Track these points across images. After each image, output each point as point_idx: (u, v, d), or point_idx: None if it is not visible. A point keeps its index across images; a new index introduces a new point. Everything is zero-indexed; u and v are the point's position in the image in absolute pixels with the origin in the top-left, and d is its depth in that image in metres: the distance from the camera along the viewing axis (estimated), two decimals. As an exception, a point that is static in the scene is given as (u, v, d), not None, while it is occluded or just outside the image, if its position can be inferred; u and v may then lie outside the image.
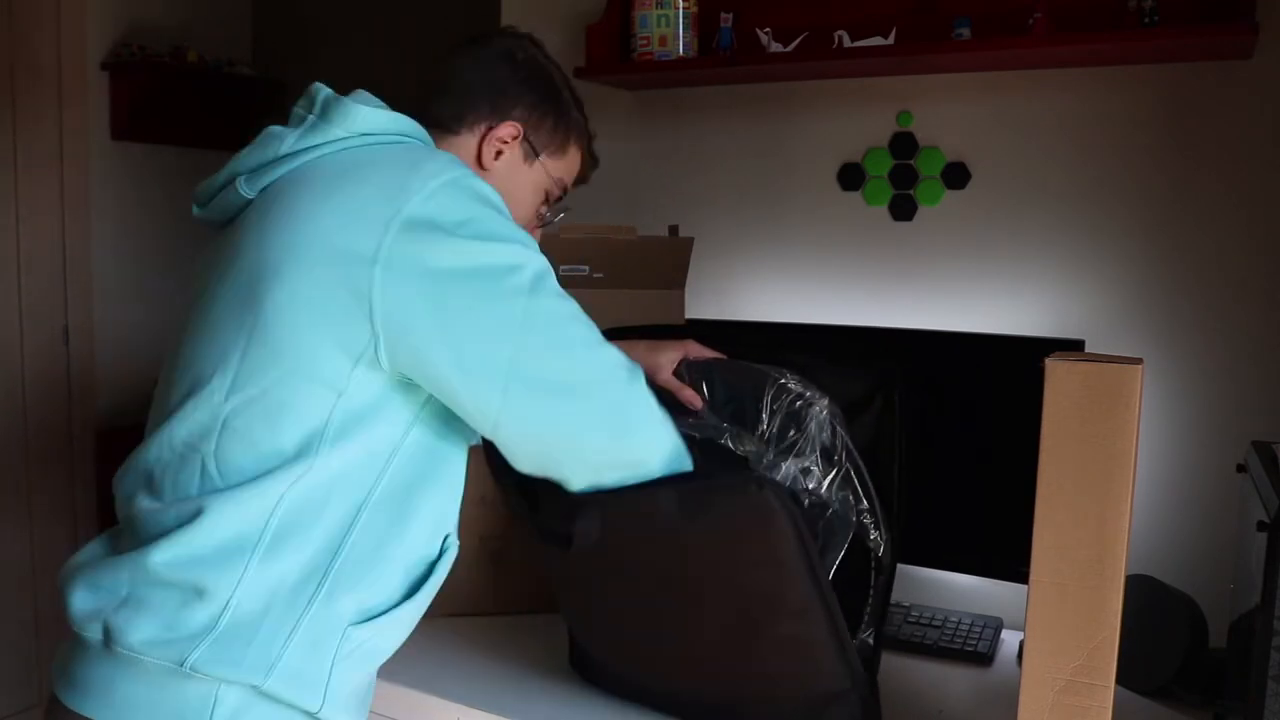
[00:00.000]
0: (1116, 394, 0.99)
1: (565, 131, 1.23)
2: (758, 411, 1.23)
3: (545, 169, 1.22)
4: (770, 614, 1.16)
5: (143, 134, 3.03)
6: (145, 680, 0.97)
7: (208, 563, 0.96)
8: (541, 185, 1.23)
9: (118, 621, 0.96)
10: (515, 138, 1.19)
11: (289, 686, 0.97)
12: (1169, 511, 1.62)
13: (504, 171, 1.19)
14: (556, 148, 1.23)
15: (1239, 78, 1.55)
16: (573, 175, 1.27)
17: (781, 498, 1.08)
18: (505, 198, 1.06)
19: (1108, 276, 1.66)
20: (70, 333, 2.89)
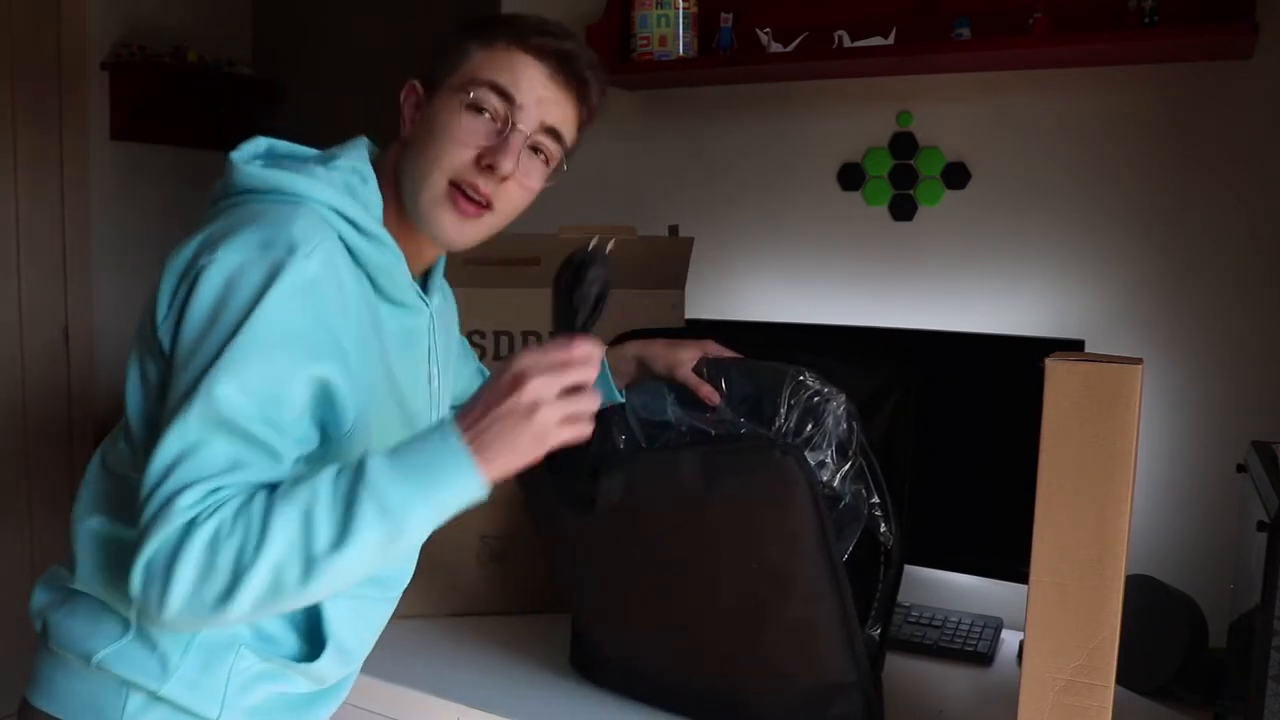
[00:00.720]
0: (1116, 394, 0.99)
1: (459, 44, 1.07)
2: (775, 407, 1.24)
3: (449, 87, 1.05)
4: (782, 592, 1.17)
5: (143, 134, 3.03)
6: (73, 674, 1.05)
7: (112, 576, 1.03)
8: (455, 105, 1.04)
9: (53, 619, 1.07)
10: (415, 91, 1.09)
11: (185, 694, 1.02)
12: (1169, 511, 1.62)
13: (420, 128, 1.07)
14: (454, 62, 1.06)
15: (1239, 78, 1.55)
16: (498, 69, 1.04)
17: (805, 467, 1.10)
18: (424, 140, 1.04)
19: (1108, 276, 1.66)
20: (70, 333, 2.89)
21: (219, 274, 0.92)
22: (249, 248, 0.93)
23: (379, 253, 1.04)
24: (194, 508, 0.86)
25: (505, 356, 1.64)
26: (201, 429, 0.88)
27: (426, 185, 1.04)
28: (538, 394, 0.89)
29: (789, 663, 1.23)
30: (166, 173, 3.13)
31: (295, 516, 0.86)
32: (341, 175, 1.04)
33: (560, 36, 1.06)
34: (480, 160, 1.03)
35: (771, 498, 1.13)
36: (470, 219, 1.05)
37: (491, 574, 1.66)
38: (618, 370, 1.37)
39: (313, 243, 0.95)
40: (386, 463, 0.88)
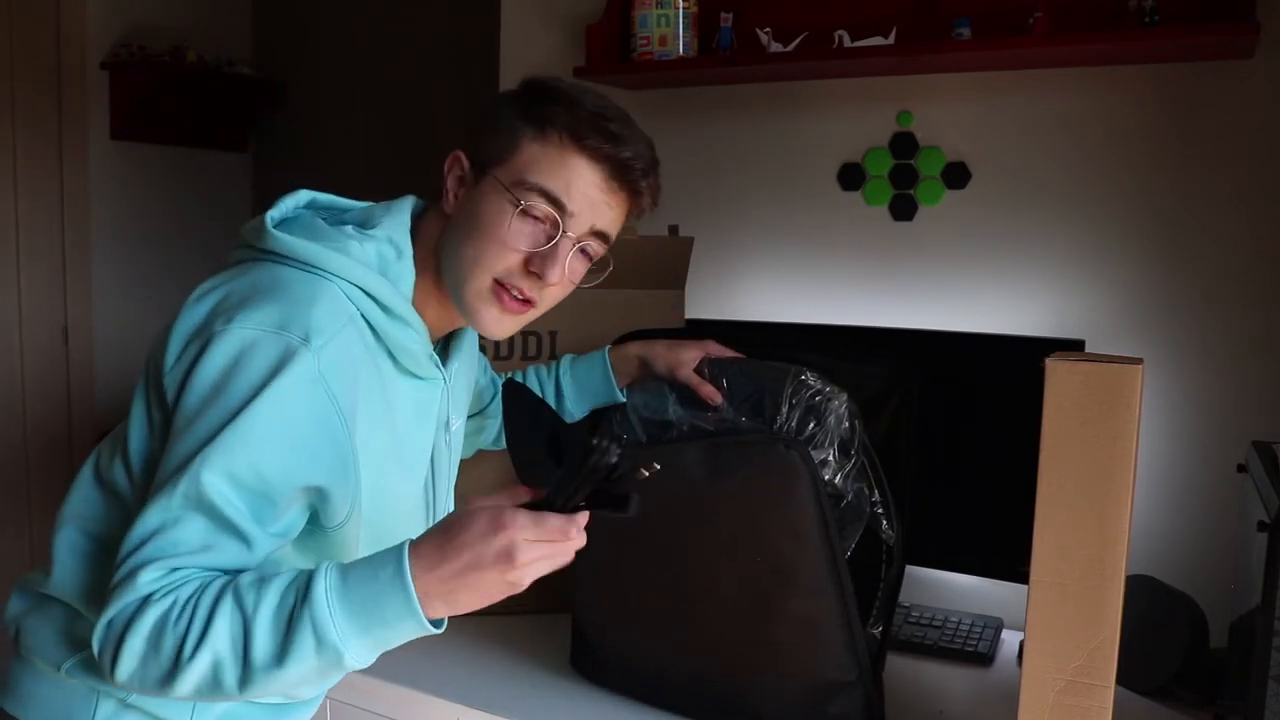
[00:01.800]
0: (1116, 394, 0.99)
1: (514, 124, 1.03)
2: (776, 405, 1.24)
3: (498, 179, 1.02)
4: (784, 586, 1.17)
5: (143, 134, 3.03)
6: (42, 679, 1.05)
7: (86, 586, 1.03)
8: (503, 203, 1.01)
9: (25, 625, 1.07)
10: (462, 165, 1.06)
11: (155, 703, 1.03)
12: (1169, 511, 1.62)
13: (465, 211, 1.04)
14: (505, 149, 1.03)
15: (1239, 77, 1.55)
16: (549, 174, 1.01)
17: (808, 461, 1.11)
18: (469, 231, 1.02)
19: (1108, 276, 1.66)
20: (70, 333, 2.88)
21: (229, 346, 0.91)
22: (264, 325, 0.91)
23: (402, 333, 1.03)
24: (153, 584, 0.88)
25: (505, 357, 1.64)
26: (183, 507, 0.89)
27: (471, 281, 1.03)
28: (523, 559, 0.85)
29: (790, 659, 1.23)
30: (166, 173, 3.13)
31: (239, 621, 0.86)
32: (376, 248, 1.02)
33: (619, 138, 1.02)
34: (527, 265, 1.03)
35: (775, 491, 1.14)
36: (512, 315, 1.05)
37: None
38: (619, 370, 1.38)
39: (328, 333, 0.94)
40: (336, 590, 0.86)
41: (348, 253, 0.99)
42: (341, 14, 3.25)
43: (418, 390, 1.09)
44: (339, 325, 0.95)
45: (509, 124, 1.03)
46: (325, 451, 0.94)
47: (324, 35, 3.28)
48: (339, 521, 0.99)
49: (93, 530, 1.04)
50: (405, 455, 1.08)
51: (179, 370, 0.93)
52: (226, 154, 3.29)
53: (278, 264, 0.98)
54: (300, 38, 3.32)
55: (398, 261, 1.04)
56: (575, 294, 1.61)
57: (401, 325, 1.03)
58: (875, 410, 1.34)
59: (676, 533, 1.21)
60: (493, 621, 1.63)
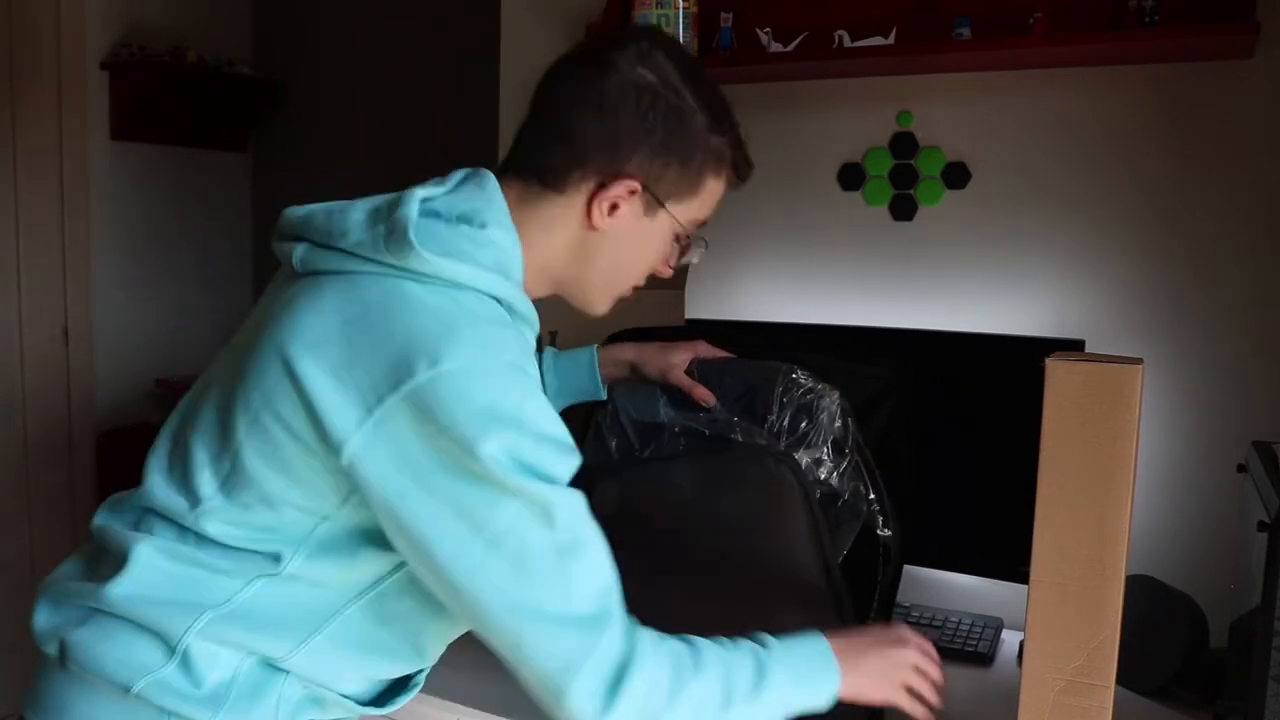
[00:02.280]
0: (1116, 394, 0.99)
1: (698, 168, 1.03)
2: (768, 405, 1.24)
3: (673, 216, 1.04)
4: (779, 595, 1.17)
5: (143, 134, 3.03)
6: (99, 702, 0.97)
7: (166, 607, 0.96)
8: (669, 232, 1.06)
9: (74, 639, 0.97)
10: (633, 193, 1.01)
11: None
12: (1169, 511, 1.62)
13: (621, 230, 1.02)
14: (686, 189, 1.04)
15: (1239, 77, 1.55)
16: (711, 208, 1.07)
17: (798, 474, 1.11)
18: (620, 256, 1.04)
19: (1108, 276, 1.66)
20: (70, 333, 2.88)
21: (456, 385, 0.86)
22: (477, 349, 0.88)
23: (524, 331, 1.01)
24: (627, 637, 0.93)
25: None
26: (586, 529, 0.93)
27: (618, 289, 1.09)
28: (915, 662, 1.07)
29: None
30: (166, 173, 3.13)
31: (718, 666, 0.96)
32: (494, 254, 0.97)
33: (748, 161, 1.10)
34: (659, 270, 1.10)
35: (765, 507, 1.13)
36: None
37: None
38: (606, 368, 1.36)
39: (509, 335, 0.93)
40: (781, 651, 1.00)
41: (474, 261, 0.94)
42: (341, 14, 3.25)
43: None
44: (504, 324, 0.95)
45: (696, 163, 1.03)
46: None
47: (324, 35, 3.28)
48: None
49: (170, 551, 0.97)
50: None
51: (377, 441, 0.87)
52: (226, 154, 3.28)
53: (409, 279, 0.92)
54: (300, 38, 3.32)
55: (510, 259, 0.99)
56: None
57: (523, 321, 1.01)
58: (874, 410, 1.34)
59: (668, 549, 1.20)
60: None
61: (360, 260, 0.94)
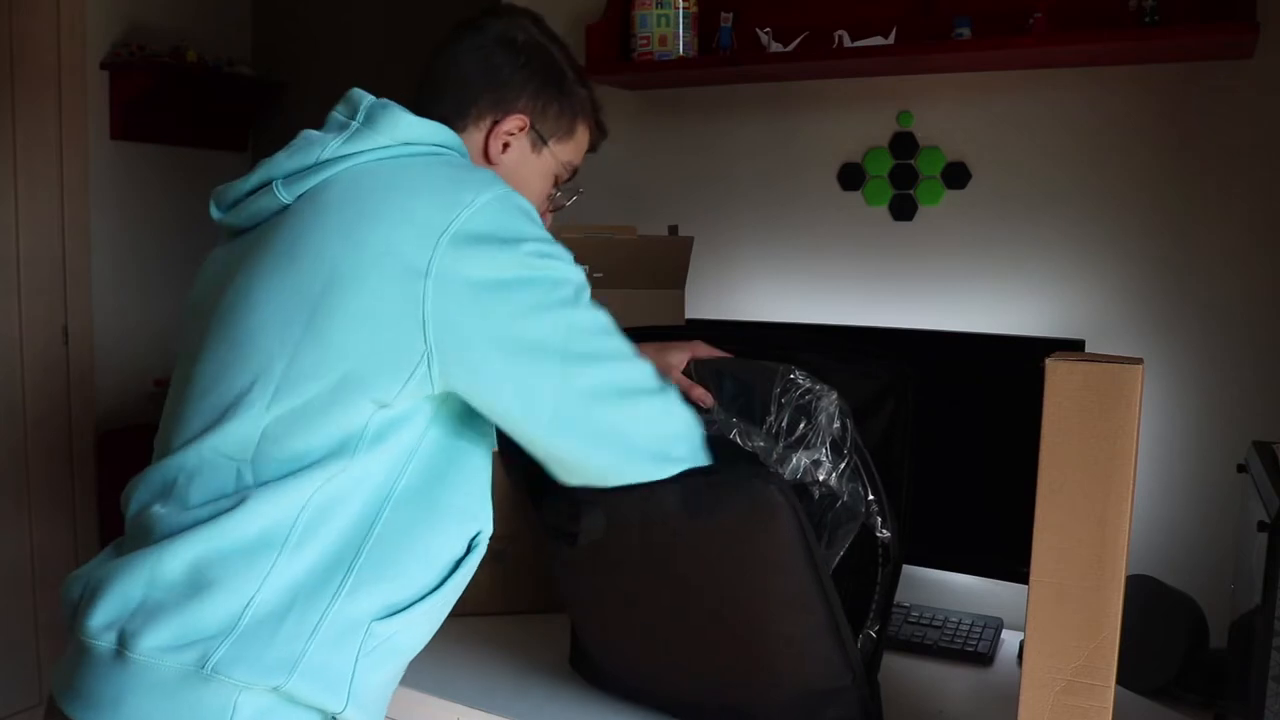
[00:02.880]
0: (1116, 394, 0.99)
1: (571, 114, 1.21)
2: (766, 405, 1.24)
3: (554, 155, 1.21)
4: (771, 611, 1.16)
5: (142, 134, 3.03)
6: (159, 689, 0.94)
7: (233, 560, 0.95)
8: (550, 171, 1.22)
9: (133, 627, 0.95)
10: (522, 129, 1.17)
11: (312, 686, 0.96)
12: (1169, 511, 1.62)
13: (512, 163, 1.18)
14: (564, 132, 1.22)
15: (1239, 77, 1.55)
16: (581, 154, 1.26)
17: (786, 493, 1.09)
18: (516, 188, 1.07)
19: (1108, 276, 1.66)
20: (70, 333, 2.89)
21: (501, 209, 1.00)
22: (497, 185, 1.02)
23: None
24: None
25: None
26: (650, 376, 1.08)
27: None
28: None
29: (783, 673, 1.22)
30: (166, 173, 3.13)
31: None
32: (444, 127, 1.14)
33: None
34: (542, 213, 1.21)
35: (754, 528, 1.11)
36: None
37: (491, 574, 1.66)
38: None
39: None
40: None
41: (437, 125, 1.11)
42: (341, 14, 3.25)
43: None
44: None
45: (569, 111, 1.20)
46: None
47: (324, 35, 3.28)
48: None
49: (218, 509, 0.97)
50: None
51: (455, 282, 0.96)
52: (226, 154, 3.29)
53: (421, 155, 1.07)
54: (300, 38, 3.33)
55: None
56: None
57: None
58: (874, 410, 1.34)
59: (657, 570, 1.19)
60: (493, 621, 1.63)
61: (347, 159, 1.04)
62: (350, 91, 1.13)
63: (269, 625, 0.95)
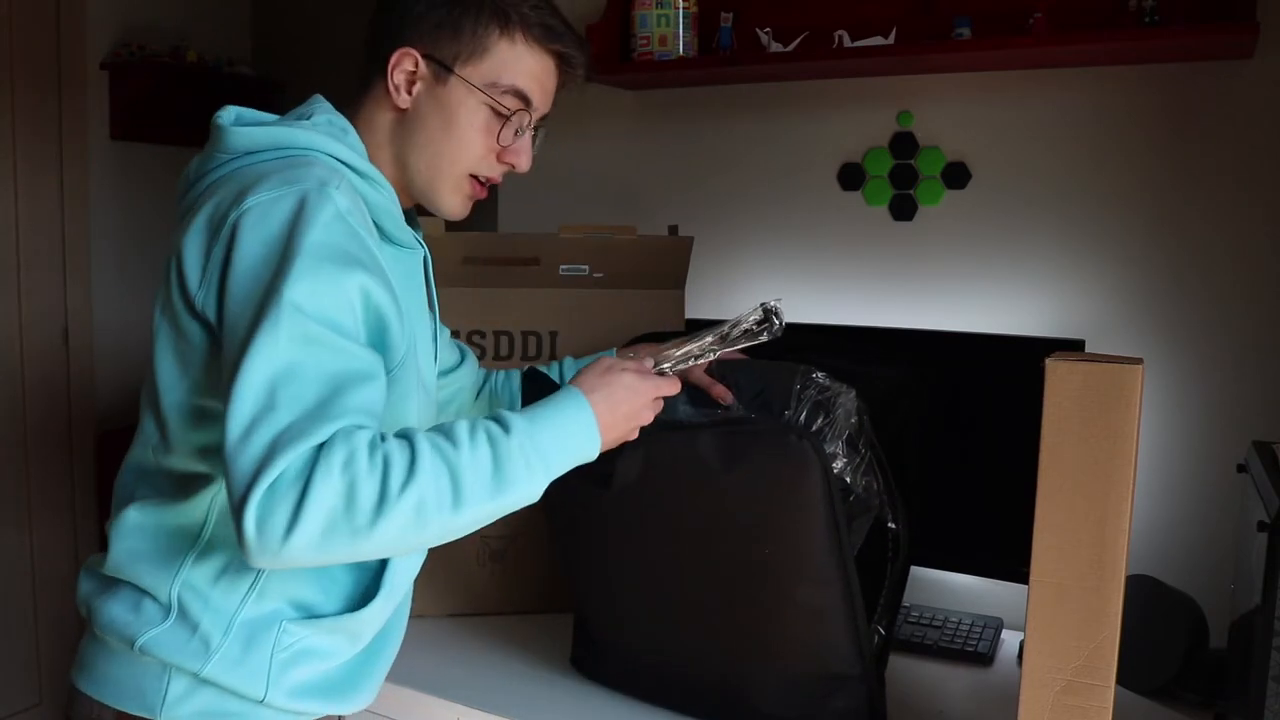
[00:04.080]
0: (1116, 394, 0.99)
1: (476, 26, 1.06)
2: (785, 402, 1.25)
3: (467, 81, 1.06)
4: (792, 576, 1.19)
5: (143, 134, 3.03)
6: (115, 658, 1.05)
7: (149, 562, 1.04)
8: (474, 104, 1.07)
9: (95, 604, 1.07)
10: (415, 63, 1.07)
11: (229, 675, 1.02)
12: (1169, 511, 1.62)
13: (424, 105, 1.08)
14: (472, 51, 1.06)
15: (1239, 77, 1.55)
16: (519, 72, 1.08)
17: (820, 452, 1.13)
18: (432, 131, 1.06)
19: (1108, 276, 1.66)
20: (70, 333, 2.88)
21: (256, 216, 0.93)
22: (278, 187, 0.95)
23: (378, 193, 1.07)
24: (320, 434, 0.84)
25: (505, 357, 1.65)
26: (289, 349, 0.86)
27: (448, 174, 1.10)
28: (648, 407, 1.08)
29: (794, 649, 1.23)
30: (166, 173, 3.13)
31: (440, 456, 0.88)
32: (325, 127, 1.06)
33: (564, 33, 1.12)
34: (500, 157, 1.11)
35: (786, 480, 1.15)
36: (477, 198, 1.14)
37: (491, 574, 1.66)
38: None
39: (336, 181, 0.97)
40: (531, 424, 0.96)
41: (306, 128, 1.03)
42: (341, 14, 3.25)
43: (402, 259, 1.12)
44: (340, 177, 0.99)
45: (469, 23, 1.06)
46: (374, 267, 0.97)
47: (324, 35, 3.28)
48: (400, 358, 1.02)
49: (145, 505, 1.05)
50: (411, 324, 1.09)
51: (212, 274, 0.94)
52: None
53: (253, 162, 1.01)
54: (300, 38, 3.33)
55: (346, 135, 1.07)
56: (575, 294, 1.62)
57: (376, 185, 1.06)
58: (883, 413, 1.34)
59: (685, 518, 1.22)
60: (493, 621, 1.63)
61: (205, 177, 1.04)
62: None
63: (190, 620, 1.02)
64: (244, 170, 1.00)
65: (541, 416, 0.98)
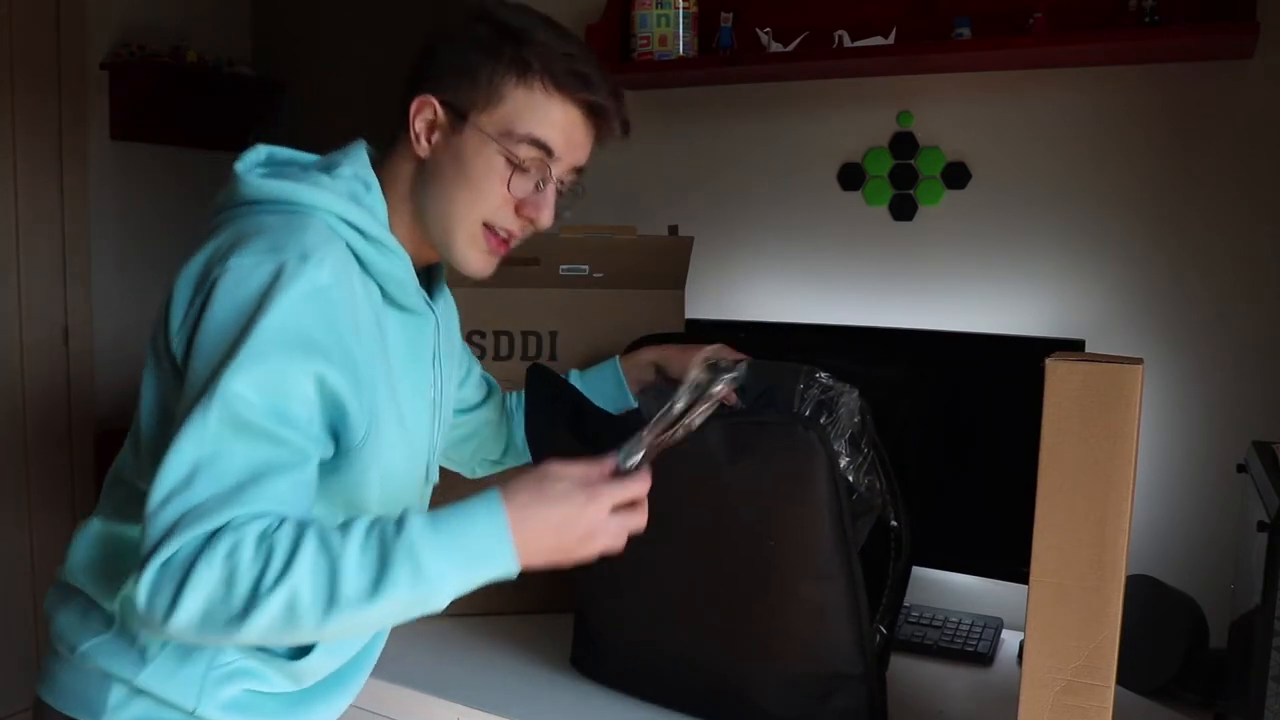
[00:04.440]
0: (1116, 394, 0.99)
1: (493, 73, 1.02)
2: (789, 401, 1.26)
3: (480, 129, 1.02)
4: (795, 570, 1.19)
5: (143, 134, 3.03)
6: (65, 665, 1.08)
7: (100, 573, 1.06)
8: (490, 152, 1.03)
9: (53, 613, 1.10)
10: (434, 111, 1.04)
11: (162, 685, 1.03)
12: (1169, 511, 1.62)
13: (443, 154, 1.04)
14: (488, 98, 1.02)
15: (1239, 77, 1.55)
16: (538, 122, 1.03)
17: (826, 444, 1.13)
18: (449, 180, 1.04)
19: (1108, 276, 1.66)
20: (70, 333, 2.88)
21: (232, 281, 0.93)
22: (261, 254, 0.93)
23: (387, 260, 1.04)
24: (219, 519, 0.86)
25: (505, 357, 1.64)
26: (219, 432, 0.88)
27: (461, 226, 1.05)
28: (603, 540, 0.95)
29: (795, 649, 1.23)
30: (166, 173, 3.13)
31: (324, 555, 0.86)
32: (345, 183, 1.04)
33: (593, 81, 1.04)
34: (519, 210, 1.06)
35: (791, 471, 1.15)
36: (497, 254, 1.09)
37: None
38: (631, 376, 1.39)
39: (323, 251, 0.95)
40: (429, 526, 0.88)
41: (320, 185, 1.01)
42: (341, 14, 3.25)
43: (408, 325, 1.10)
44: (331, 245, 0.97)
45: (486, 70, 1.02)
46: (336, 350, 0.95)
47: (324, 35, 3.28)
48: (359, 439, 0.99)
49: (108, 517, 1.07)
50: (401, 391, 1.07)
51: (187, 325, 0.95)
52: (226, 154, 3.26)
53: (258, 213, 1.00)
54: (300, 38, 3.32)
55: (367, 194, 1.05)
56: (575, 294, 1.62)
57: (385, 251, 1.04)
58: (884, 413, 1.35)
59: (690, 511, 1.22)
60: (493, 621, 1.63)
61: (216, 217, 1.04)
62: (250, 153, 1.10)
63: (130, 632, 1.04)
64: (247, 219, 1.00)
65: (445, 523, 0.89)
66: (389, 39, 3.13)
